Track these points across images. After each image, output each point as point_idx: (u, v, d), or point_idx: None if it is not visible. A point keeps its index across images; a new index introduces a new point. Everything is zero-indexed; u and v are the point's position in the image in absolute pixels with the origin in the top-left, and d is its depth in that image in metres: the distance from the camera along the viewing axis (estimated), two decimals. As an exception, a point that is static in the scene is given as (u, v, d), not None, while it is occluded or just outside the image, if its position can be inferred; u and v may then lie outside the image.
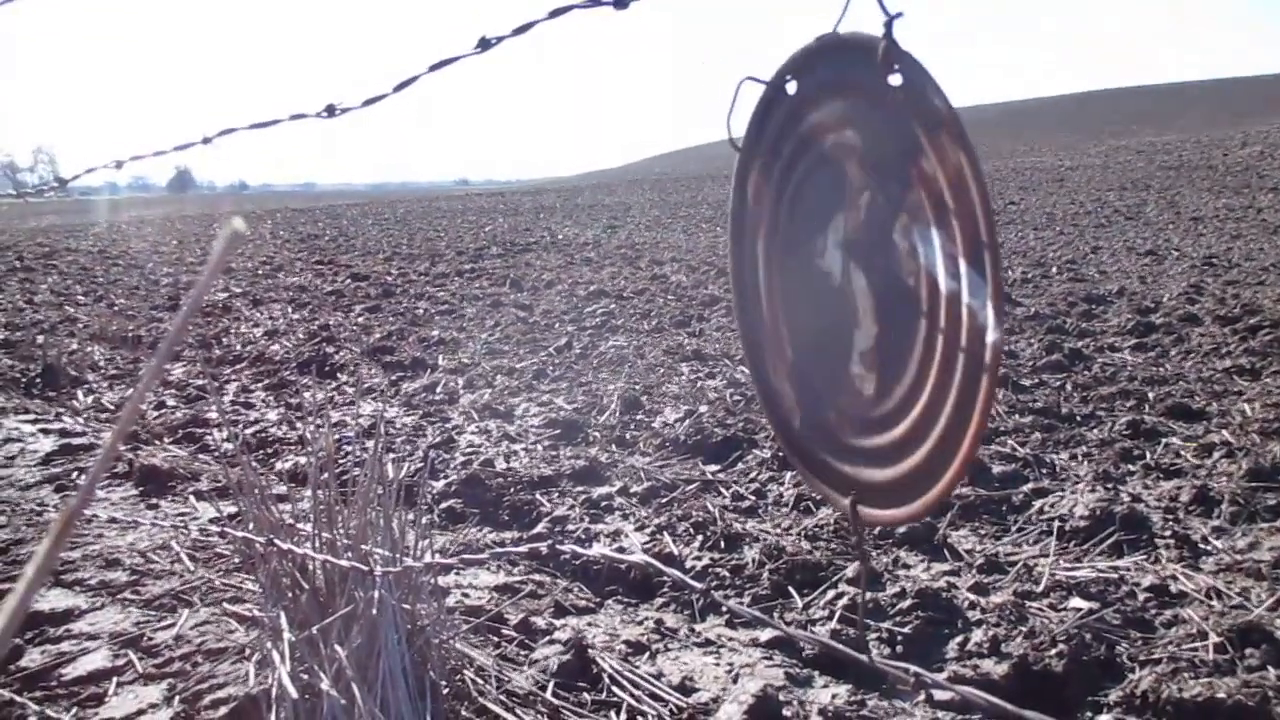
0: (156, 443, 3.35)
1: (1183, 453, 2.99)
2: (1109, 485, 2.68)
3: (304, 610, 1.56)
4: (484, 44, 1.20)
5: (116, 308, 7.08)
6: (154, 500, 2.81)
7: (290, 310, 6.80)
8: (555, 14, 1.12)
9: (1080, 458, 2.99)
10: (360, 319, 6.29)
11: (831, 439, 1.56)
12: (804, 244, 1.43)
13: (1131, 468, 2.89)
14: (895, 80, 1.17)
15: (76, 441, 3.36)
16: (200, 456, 3.21)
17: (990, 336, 1.12)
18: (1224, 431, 3.13)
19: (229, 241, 0.27)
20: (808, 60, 1.29)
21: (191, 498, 2.82)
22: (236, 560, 2.22)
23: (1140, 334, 4.96)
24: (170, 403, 4.00)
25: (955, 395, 1.27)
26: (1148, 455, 2.97)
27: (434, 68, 1.29)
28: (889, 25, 1.14)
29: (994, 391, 1.17)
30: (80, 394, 4.13)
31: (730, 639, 1.94)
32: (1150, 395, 3.66)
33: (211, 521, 2.57)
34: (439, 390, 4.16)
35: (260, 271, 9.62)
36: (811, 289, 1.42)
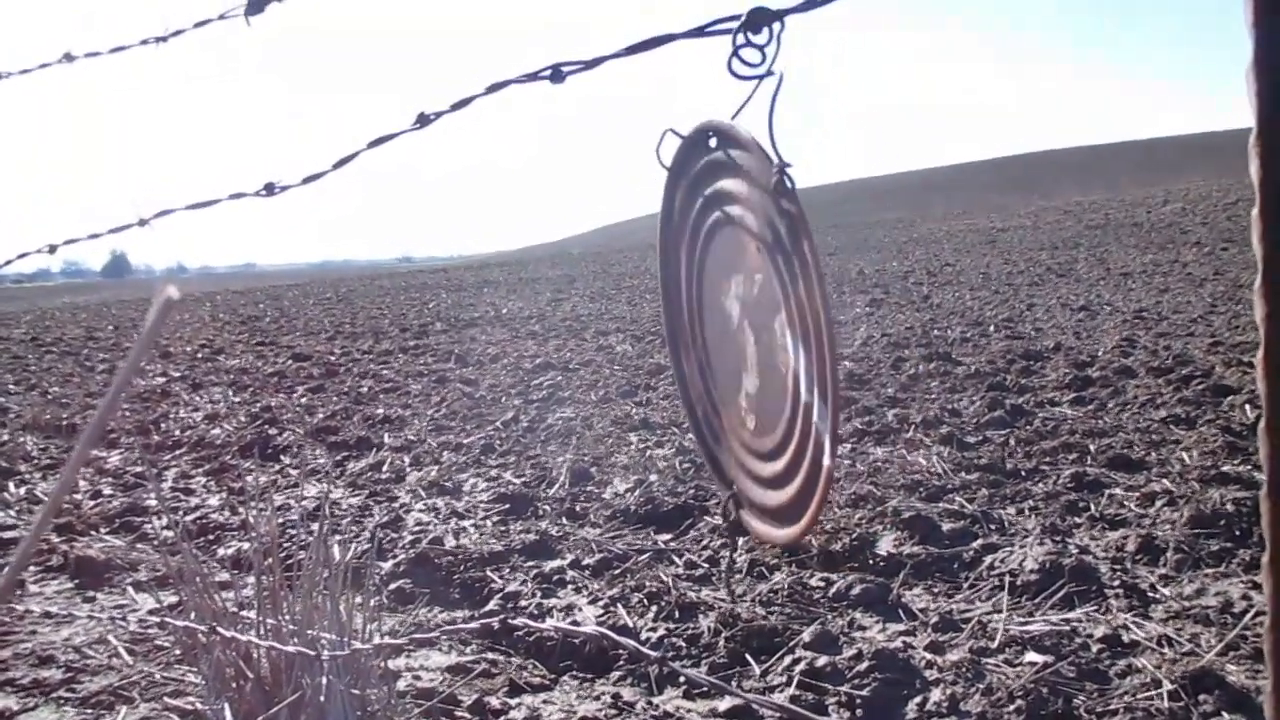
0: (92, 533, 3.25)
1: (1126, 503, 3.03)
2: (1057, 538, 2.71)
3: (249, 700, 1.51)
4: (423, 120, 1.21)
5: (50, 396, 6.90)
6: (90, 593, 2.72)
7: (231, 393, 6.69)
8: (493, 89, 1.14)
9: (1027, 512, 3.02)
10: (303, 399, 6.20)
11: (723, 441, 1.65)
12: (712, 274, 1.51)
13: (1078, 519, 2.92)
14: (786, 205, 1.25)
15: (7, 535, 3.25)
16: (139, 546, 3.12)
17: (825, 461, 1.20)
18: (1165, 480, 3.19)
19: (162, 310, 0.27)
20: (728, 135, 1.36)
21: (130, 588, 2.73)
22: (178, 652, 2.14)
23: (1078, 388, 5.06)
24: (107, 491, 3.89)
25: (800, 483, 1.36)
26: (1092, 507, 3.01)
27: (373, 144, 1.30)
28: (782, 170, 1.21)
29: (826, 498, 1.25)
30: (11, 485, 4.01)
31: (689, 710, 1.91)
32: (1091, 447, 3.72)
33: (151, 613, 2.48)
34: (385, 469, 4.10)
35: (200, 355, 9.47)
36: (716, 314, 1.51)
